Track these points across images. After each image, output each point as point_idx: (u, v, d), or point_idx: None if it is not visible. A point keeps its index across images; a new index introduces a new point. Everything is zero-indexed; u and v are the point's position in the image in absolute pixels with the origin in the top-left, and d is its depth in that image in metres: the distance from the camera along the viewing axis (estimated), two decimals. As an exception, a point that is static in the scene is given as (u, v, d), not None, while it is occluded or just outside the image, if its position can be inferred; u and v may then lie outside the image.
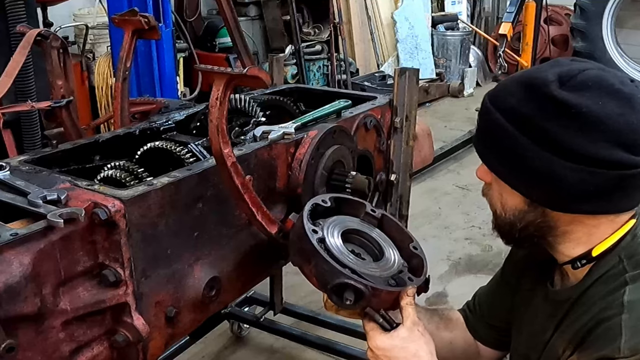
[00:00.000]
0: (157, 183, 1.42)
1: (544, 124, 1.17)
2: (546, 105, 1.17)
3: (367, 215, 1.56)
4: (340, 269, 1.31)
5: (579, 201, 1.19)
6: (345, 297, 1.31)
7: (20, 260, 1.17)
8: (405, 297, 1.35)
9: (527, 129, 1.19)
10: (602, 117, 1.14)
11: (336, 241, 1.41)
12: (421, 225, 4.21)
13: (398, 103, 2.10)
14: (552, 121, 1.16)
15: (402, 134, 2.12)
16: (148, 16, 1.92)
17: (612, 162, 1.14)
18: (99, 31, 4.93)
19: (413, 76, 2.09)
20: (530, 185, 1.23)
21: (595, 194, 1.17)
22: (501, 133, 1.23)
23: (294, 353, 2.94)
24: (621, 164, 1.14)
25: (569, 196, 1.19)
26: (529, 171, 1.20)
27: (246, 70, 1.35)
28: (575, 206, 1.20)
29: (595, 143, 1.14)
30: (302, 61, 6.29)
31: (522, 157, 1.20)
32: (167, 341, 1.52)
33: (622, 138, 1.14)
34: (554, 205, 1.22)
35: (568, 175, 1.16)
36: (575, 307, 1.29)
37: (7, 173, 1.42)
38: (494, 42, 6.47)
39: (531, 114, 1.19)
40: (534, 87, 1.20)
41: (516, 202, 1.27)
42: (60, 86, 1.93)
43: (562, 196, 1.19)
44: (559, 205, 1.22)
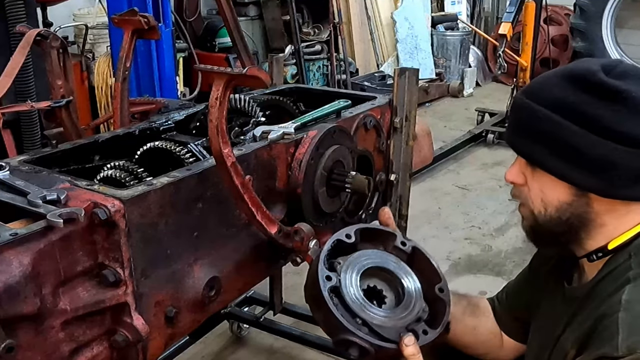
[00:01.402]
0: (157, 183, 1.42)
1: (596, 111, 1.18)
2: (596, 92, 1.19)
3: (396, 248, 1.49)
4: (346, 325, 1.28)
5: (631, 186, 1.20)
6: (350, 352, 1.29)
7: (20, 260, 1.17)
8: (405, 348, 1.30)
9: (578, 118, 1.20)
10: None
11: (352, 286, 1.35)
12: (421, 225, 4.20)
13: (398, 103, 2.10)
14: (603, 108, 1.18)
15: (402, 134, 2.12)
16: (148, 16, 1.92)
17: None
18: (98, 31, 4.93)
19: (413, 76, 2.09)
20: (585, 174, 1.22)
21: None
22: (549, 126, 1.23)
23: (293, 353, 2.94)
24: None
25: (622, 181, 1.19)
26: (585, 159, 1.20)
27: (246, 70, 1.35)
28: (627, 192, 1.21)
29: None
30: (301, 61, 6.29)
31: (576, 146, 1.20)
32: (166, 341, 1.52)
33: None
34: (607, 191, 1.22)
35: (624, 160, 1.18)
36: (584, 303, 1.28)
37: (7, 173, 1.42)
38: (493, 42, 6.46)
39: (581, 103, 1.20)
40: (579, 77, 1.22)
41: (560, 195, 1.27)
42: (60, 86, 1.93)
43: (616, 182, 1.20)
44: (612, 191, 1.22)
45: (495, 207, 4.50)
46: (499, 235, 4.11)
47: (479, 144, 5.81)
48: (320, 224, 1.85)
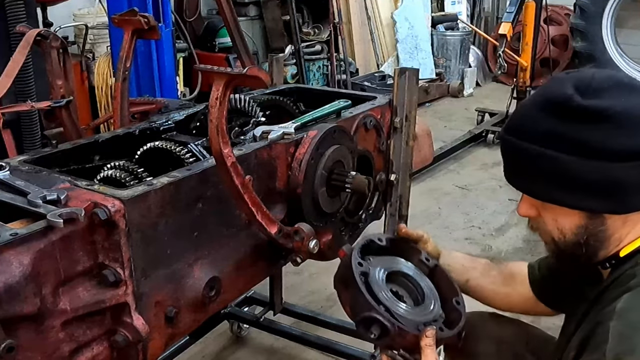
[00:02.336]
0: (157, 183, 1.42)
1: (582, 136, 1.19)
2: (578, 118, 1.19)
3: (420, 262, 1.60)
4: (373, 303, 1.36)
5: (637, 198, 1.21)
6: (372, 330, 1.35)
7: (20, 260, 1.17)
8: (425, 338, 1.36)
9: (569, 147, 1.20)
10: (631, 111, 1.17)
11: (379, 278, 1.45)
12: (421, 225, 4.20)
13: (398, 103, 2.10)
14: (588, 130, 1.18)
15: (402, 134, 2.12)
16: (148, 16, 1.92)
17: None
18: (98, 31, 4.93)
19: (413, 76, 2.09)
20: (589, 198, 1.23)
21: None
22: (544, 161, 1.23)
23: (293, 353, 2.94)
24: None
25: (629, 195, 1.20)
26: (585, 185, 1.21)
27: (246, 70, 1.35)
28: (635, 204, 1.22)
29: (636, 136, 1.17)
30: (301, 61, 6.29)
31: (573, 175, 1.21)
32: (167, 341, 1.52)
33: None
34: (617, 209, 1.23)
35: (624, 175, 1.18)
36: (593, 307, 1.29)
37: (7, 173, 1.42)
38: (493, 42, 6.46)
39: (568, 131, 1.20)
40: (558, 105, 1.22)
41: (574, 221, 1.28)
42: (60, 86, 1.93)
43: (625, 198, 1.21)
44: (624, 208, 1.23)
45: (495, 207, 4.50)
46: (499, 235, 4.11)
47: (479, 144, 5.81)
48: (320, 224, 1.85)
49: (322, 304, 3.33)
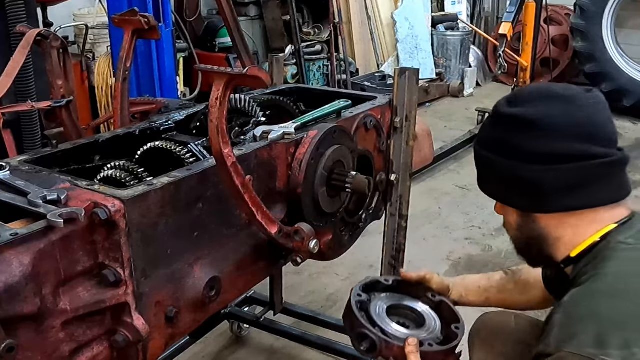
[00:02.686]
0: (157, 183, 1.42)
1: (504, 140, 1.36)
2: (501, 124, 1.38)
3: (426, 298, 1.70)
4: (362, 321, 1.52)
5: (556, 198, 1.31)
6: (362, 344, 1.50)
7: (20, 260, 1.17)
8: (408, 346, 1.45)
9: (496, 149, 1.39)
10: (550, 119, 1.29)
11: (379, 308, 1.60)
12: (421, 225, 4.20)
13: (398, 103, 2.10)
14: (511, 135, 1.34)
15: (402, 134, 2.12)
16: (148, 16, 1.92)
17: (573, 156, 1.28)
18: (99, 31, 4.93)
19: (413, 76, 2.09)
20: (515, 196, 1.39)
21: (568, 189, 1.30)
22: (483, 161, 1.45)
23: (294, 353, 2.94)
24: (582, 155, 1.27)
25: (546, 196, 1.32)
26: (509, 184, 1.38)
27: (246, 70, 1.35)
28: (555, 204, 1.33)
29: (553, 142, 1.28)
30: (302, 61, 6.29)
31: (501, 173, 1.39)
32: (167, 341, 1.52)
33: (575, 132, 1.28)
34: (538, 208, 1.36)
35: (540, 177, 1.30)
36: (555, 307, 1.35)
37: (7, 173, 1.42)
38: (494, 42, 6.46)
39: (495, 136, 1.40)
40: (492, 114, 1.43)
41: (514, 218, 1.43)
42: (60, 86, 1.93)
43: (541, 197, 1.33)
44: (542, 207, 1.35)
45: (496, 207, 4.50)
46: (499, 235, 4.11)
47: (479, 144, 5.80)
48: (320, 224, 1.85)
49: (322, 304, 3.33)
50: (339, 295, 3.43)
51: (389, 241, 2.20)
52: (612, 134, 1.32)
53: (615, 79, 6.58)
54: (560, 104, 1.30)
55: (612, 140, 1.31)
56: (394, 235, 2.20)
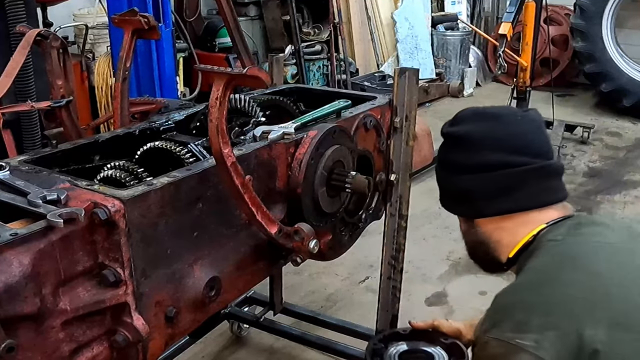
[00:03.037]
0: (157, 183, 1.42)
1: (444, 156, 1.57)
2: (444, 142, 1.57)
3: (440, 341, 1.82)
4: None
5: (487, 204, 1.47)
6: None
7: (20, 260, 1.17)
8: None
9: (441, 165, 1.60)
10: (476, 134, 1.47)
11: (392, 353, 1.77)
12: (421, 225, 4.20)
13: (398, 103, 2.10)
14: (447, 151, 1.55)
15: (402, 134, 2.12)
16: (148, 16, 1.92)
17: (500, 164, 1.43)
18: (98, 31, 4.93)
19: (413, 76, 2.09)
20: (457, 204, 1.57)
21: (499, 194, 1.44)
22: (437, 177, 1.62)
23: (294, 353, 2.94)
24: (508, 163, 1.42)
25: (478, 202, 1.48)
26: (452, 195, 1.57)
27: (246, 70, 1.35)
28: (487, 209, 1.48)
29: (478, 154, 1.45)
30: (302, 61, 6.29)
31: (444, 185, 1.59)
32: (167, 341, 1.52)
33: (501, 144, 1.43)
34: (475, 214, 1.52)
35: (471, 185, 1.47)
36: None
37: (7, 173, 1.42)
38: (493, 42, 6.45)
39: (440, 154, 1.59)
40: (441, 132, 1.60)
41: (462, 225, 1.60)
42: (60, 86, 1.93)
43: (474, 204, 1.49)
44: (478, 213, 1.51)
45: (495, 207, 4.50)
46: (499, 235, 4.11)
47: (479, 144, 5.80)
48: (320, 224, 1.85)
49: (322, 304, 3.33)
50: (338, 295, 3.43)
51: (389, 241, 2.20)
52: (538, 146, 1.45)
53: (615, 79, 6.58)
54: (487, 121, 1.49)
55: (538, 151, 1.44)
56: (394, 235, 2.20)
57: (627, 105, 6.54)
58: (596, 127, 6.14)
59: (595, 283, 1.22)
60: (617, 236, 1.38)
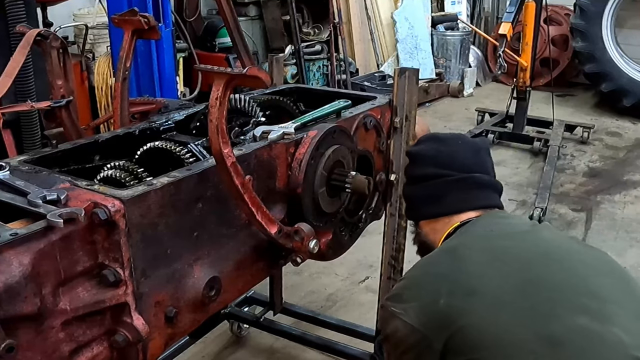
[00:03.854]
0: (157, 183, 1.42)
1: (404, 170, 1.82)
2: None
3: None
4: None
5: (422, 208, 1.71)
6: None
7: (20, 260, 1.17)
8: None
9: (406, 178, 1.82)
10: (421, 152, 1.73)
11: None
12: (421, 225, 4.20)
13: (398, 103, 2.10)
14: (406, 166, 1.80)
15: (402, 134, 2.12)
16: (148, 16, 1.92)
17: (429, 176, 1.68)
18: (98, 31, 4.93)
19: (413, 76, 2.09)
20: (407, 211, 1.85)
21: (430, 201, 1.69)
22: None
23: (293, 353, 2.94)
24: (436, 175, 1.67)
25: (417, 207, 1.74)
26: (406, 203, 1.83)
27: (246, 70, 1.35)
28: (422, 213, 1.73)
29: (417, 168, 1.72)
30: (301, 61, 6.29)
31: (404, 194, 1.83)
32: (166, 341, 1.52)
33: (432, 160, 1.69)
34: (415, 217, 1.77)
35: (413, 194, 1.74)
36: None
37: (7, 173, 1.42)
38: (493, 42, 6.46)
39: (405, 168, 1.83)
40: None
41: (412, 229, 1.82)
42: (60, 86, 1.93)
43: (415, 209, 1.76)
44: (417, 216, 1.76)
45: (495, 207, 4.49)
46: (499, 235, 4.11)
47: (479, 144, 5.79)
48: (320, 224, 1.85)
49: (322, 304, 3.33)
50: (338, 295, 3.43)
51: (389, 241, 2.20)
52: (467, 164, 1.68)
53: (615, 79, 6.58)
54: (433, 143, 1.73)
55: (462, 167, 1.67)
56: (394, 235, 2.20)
57: (627, 105, 6.54)
58: (596, 127, 6.15)
59: (457, 265, 1.45)
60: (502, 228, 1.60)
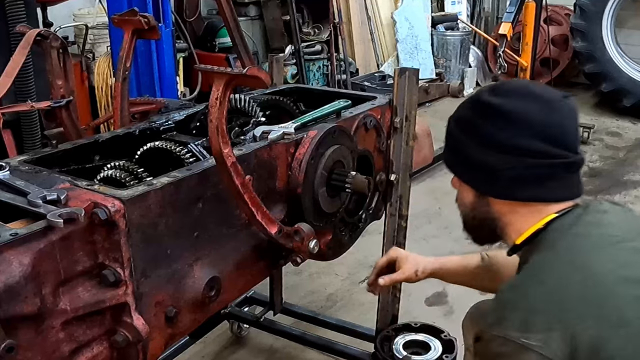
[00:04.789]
0: (157, 183, 1.42)
1: (478, 124, 1.43)
2: (478, 108, 1.45)
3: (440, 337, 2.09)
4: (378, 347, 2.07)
5: (512, 188, 1.40)
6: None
7: (20, 260, 1.17)
8: None
9: (466, 130, 1.46)
10: (521, 114, 1.37)
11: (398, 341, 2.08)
12: (421, 225, 4.20)
13: (398, 103, 2.10)
14: (482, 121, 1.42)
15: (402, 134, 2.12)
16: (148, 16, 1.92)
17: (534, 152, 1.35)
18: (99, 31, 4.93)
19: (413, 76, 2.09)
20: (474, 177, 1.47)
21: (525, 181, 1.38)
22: (453, 137, 1.52)
23: (293, 353, 2.94)
24: (542, 153, 1.35)
25: (503, 183, 1.40)
26: (473, 164, 1.45)
27: (246, 70, 1.35)
28: (509, 193, 1.42)
29: (517, 136, 1.36)
30: (302, 61, 6.29)
31: (465, 153, 1.46)
32: (167, 341, 1.52)
33: (541, 131, 1.35)
34: (493, 193, 1.44)
35: (499, 164, 1.39)
36: None
37: (7, 173, 1.42)
38: (493, 42, 6.46)
39: (469, 117, 1.46)
40: (473, 97, 1.49)
41: (469, 197, 1.50)
42: (60, 86, 1.93)
43: (497, 184, 1.41)
44: (497, 193, 1.44)
45: (495, 207, 4.49)
46: (499, 235, 4.10)
47: (479, 144, 5.79)
48: (320, 224, 1.85)
49: (322, 304, 3.33)
50: (338, 295, 3.43)
51: (389, 241, 2.21)
52: (575, 138, 1.40)
53: (615, 79, 6.58)
54: (535, 103, 1.38)
55: (573, 144, 1.39)
56: (394, 235, 2.20)
57: (627, 105, 6.54)
58: (596, 127, 6.14)
59: (590, 282, 1.23)
60: (620, 227, 1.38)
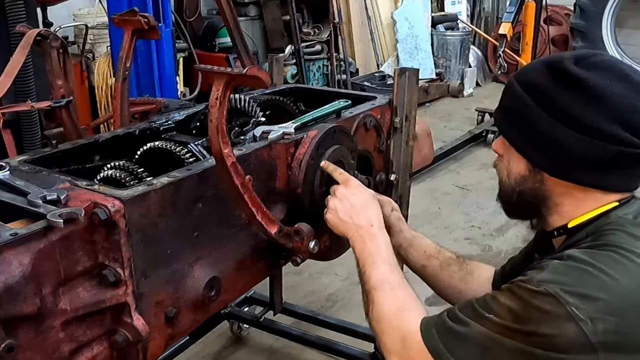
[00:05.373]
0: (157, 183, 1.42)
1: (555, 94, 1.28)
2: (559, 77, 1.29)
3: None
4: None
5: (576, 170, 1.29)
6: None
7: (20, 260, 1.17)
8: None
9: (540, 98, 1.30)
10: (607, 94, 1.24)
11: None
12: (421, 225, 4.20)
13: (398, 103, 2.10)
14: (561, 92, 1.28)
15: (402, 134, 2.12)
16: (148, 16, 1.92)
17: (611, 137, 1.24)
18: (98, 31, 4.94)
19: (413, 76, 2.09)
20: (536, 150, 1.33)
21: (592, 166, 1.27)
22: (518, 102, 1.34)
23: (293, 353, 2.94)
24: (620, 140, 1.24)
25: (568, 163, 1.29)
26: (537, 136, 1.31)
27: (246, 70, 1.35)
28: (572, 174, 1.31)
29: (598, 116, 1.24)
30: (301, 61, 6.29)
31: (532, 123, 1.31)
32: (167, 341, 1.52)
33: (624, 117, 1.24)
34: (554, 171, 1.32)
35: (570, 143, 1.26)
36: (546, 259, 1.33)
37: (7, 173, 1.42)
38: (493, 42, 6.47)
39: (545, 85, 1.30)
40: (552, 63, 1.33)
41: (520, 168, 1.38)
42: (60, 86, 1.93)
43: (562, 162, 1.30)
44: (558, 172, 1.32)
45: (495, 207, 4.45)
46: (499, 235, 4.11)
47: (479, 144, 5.81)
48: (320, 224, 1.85)
49: (322, 304, 3.33)
50: (338, 295, 3.43)
51: (389, 241, 2.20)
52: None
53: (615, 79, 6.58)
54: (624, 84, 1.26)
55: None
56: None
57: (627, 105, 6.54)
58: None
59: None
60: None
